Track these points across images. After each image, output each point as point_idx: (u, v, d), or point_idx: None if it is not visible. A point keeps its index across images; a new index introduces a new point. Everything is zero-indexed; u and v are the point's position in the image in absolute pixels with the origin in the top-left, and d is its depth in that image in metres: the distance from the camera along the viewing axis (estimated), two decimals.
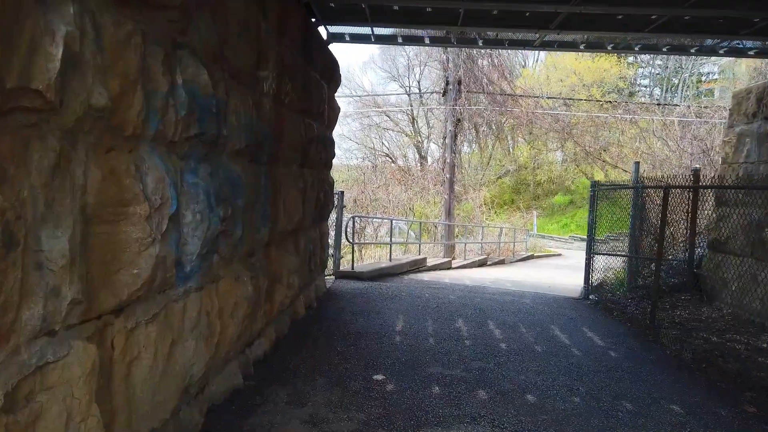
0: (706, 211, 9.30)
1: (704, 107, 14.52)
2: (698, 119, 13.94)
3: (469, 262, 14.58)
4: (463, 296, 8.45)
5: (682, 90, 32.70)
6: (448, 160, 14.59)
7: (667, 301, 8.71)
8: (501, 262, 17.22)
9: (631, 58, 47.75)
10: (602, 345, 5.95)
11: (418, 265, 11.68)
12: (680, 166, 14.68)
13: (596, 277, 9.41)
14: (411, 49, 41.52)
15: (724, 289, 8.18)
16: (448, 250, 14.68)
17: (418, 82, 38.81)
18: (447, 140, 14.56)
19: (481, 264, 15.57)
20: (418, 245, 12.72)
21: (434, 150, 42.55)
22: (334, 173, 25.92)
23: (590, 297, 8.91)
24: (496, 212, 32.53)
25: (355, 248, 10.88)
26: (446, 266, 13.24)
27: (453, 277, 11.50)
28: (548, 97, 15.04)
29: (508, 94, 14.44)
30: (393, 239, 11.20)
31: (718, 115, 14.29)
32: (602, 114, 14.47)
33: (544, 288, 10.34)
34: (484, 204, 25.39)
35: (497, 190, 39.24)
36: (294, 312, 6.15)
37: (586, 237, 30.02)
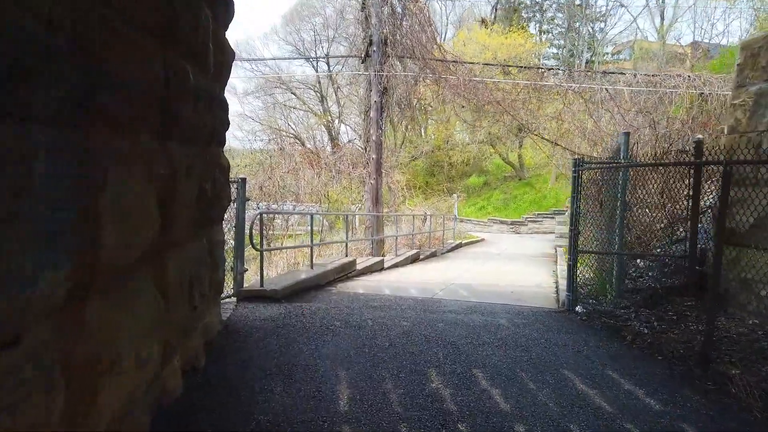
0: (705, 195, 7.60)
1: (652, 75, 13.09)
2: (650, 89, 12.47)
3: (402, 258, 12.33)
4: (418, 320, 6.11)
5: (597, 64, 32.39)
6: (374, 138, 12.17)
7: (670, 309, 6.90)
8: (433, 255, 15.16)
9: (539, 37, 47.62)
10: (658, 408, 3.82)
11: (346, 271, 9.21)
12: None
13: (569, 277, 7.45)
14: (318, 20, 38.44)
15: (745, 294, 6.44)
16: (377, 245, 12.33)
17: (326, 56, 35.87)
18: (372, 113, 12.12)
19: (414, 259, 13.39)
20: (345, 243, 10.22)
21: (347, 131, 39.99)
22: (236, 158, 22.55)
23: (577, 309, 6.90)
24: (411, 197, 30.66)
25: (265, 254, 8.22)
26: (378, 267, 10.89)
27: (391, 283, 9.16)
28: (487, 64, 13.09)
29: (446, 60, 12.21)
30: (313, 237, 8.63)
31: (667, 83, 12.90)
32: (546, 83, 12.63)
33: (508, 295, 8.26)
34: (401, 188, 23.29)
35: (411, 173, 37.45)
36: (162, 392, 3.51)
37: (505, 219, 28.40)
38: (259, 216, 7.02)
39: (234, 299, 6.86)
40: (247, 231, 6.85)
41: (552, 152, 18.59)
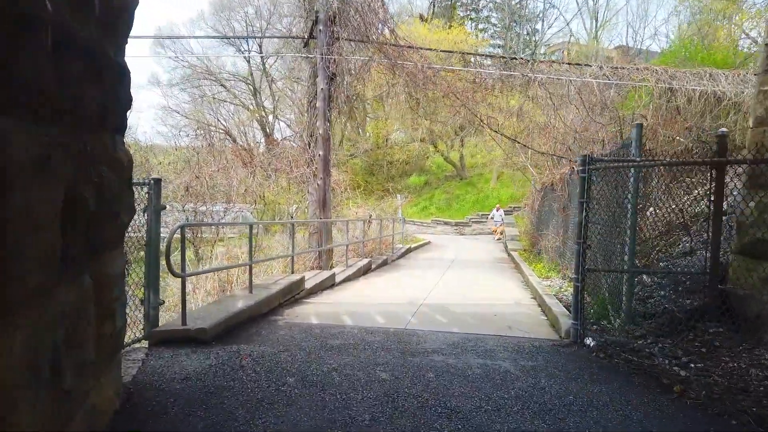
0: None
1: (620, 67, 12.18)
2: (619, 81, 11.52)
3: (354, 270, 10.73)
4: (399, 369, 4.58)
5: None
6: (320, 132, 10.49)
7: (694, 339, 5.72)
8: (385, 263, 13.67)
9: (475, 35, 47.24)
10: None
11: (294, 292, 7.53)
12: (595, 141, 12.26)
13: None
14: (250, 10, 35.99)
15: None
16: (326, 255, 10.66)
17: (260, 46, 33.59)
18: (318, 104, 10.44)
19: (367, 270, 11.83)
20: (289, 257, 8.50)
21: (280, 129, 37.78)
22: (159, 156, 20.06)
23: (587, 342, 5.57)
24: (352, 198, 29.10)
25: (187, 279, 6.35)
26: (330, 283, 9.25)
27: (349, 306, 7.55)
28: (446, 51, 11.74)
29: (402, 46, 10.71)
30: (252, 251, 6.89)
31: (635, 77, 12.02)
32: (513, 72, 11.40)
33: (492, 320, 6.87)
34: (343, 189, 21.65)
35: (350, 172, 35.84)
36: None
37: (449, 220, 27.39)
38: (180, 230, 5.23)
39: (145, 344, 5.06)
40: (163, 249, 5.06)
41: (511, 151, 17.55)
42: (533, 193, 17.43)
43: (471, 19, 51.58)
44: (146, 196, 5.05)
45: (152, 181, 5.07)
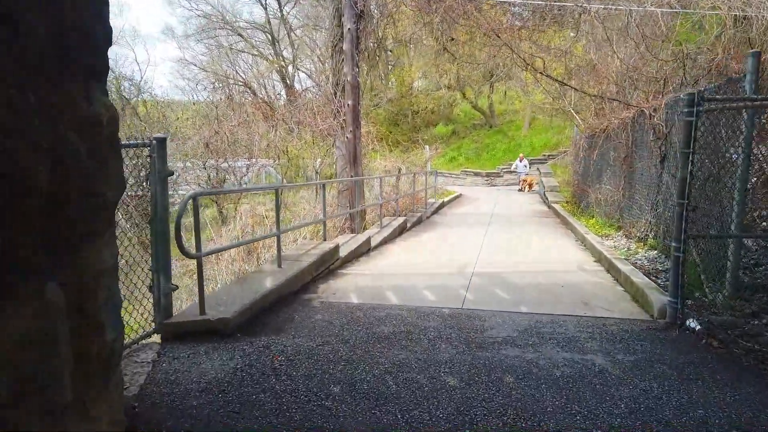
0: None
1: None
2: (685, 10, 10.08)
3: (389, 231, 9.78)
4: (467, 370, 3.66)
5: None
6: (349, 78, 9.37)
7: None
8: (420, 221, 12.70)
9: None
10: None
11: (327, 263, 6.63)
12: (654, 80, 10.88)
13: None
14: None
15: None
16: (358, 217, 9.71)
17: None
18: (345, 46, 9.26)
19: (402, 229, 10.88)
20: (321, 221, 7.56)
21: (300, 81, 36.36)
22: (176, 111, 19.20)
23: (690, 324, 4.56)
24: (379, 150, 27.93)
25: (205, 259, 5.44)
26: (365, 248, 8.33)
27: (391, 278, 6.63)
28: None
29: None
30: (279, 222, 5.96)
31: (703, 4, 10.53)
32: (565, 3, 10.00)
33: (561, 294, 5.87)
34: (370, 141, 20.51)
35: (373, 122, 34.52)
36: None
37: (480, 171, 26.11)
38: (192, 200, 4.29)
39: (158, 338, 4.23)
40: (173, 227, 4.15)
41: (556, 94, 16.09)
42: (577, 140, 16.08)
43: None
44: (150, 165, 4.10)
45: (155, 142, 4.10)
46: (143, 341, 4.13)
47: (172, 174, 4.28)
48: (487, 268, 7.19)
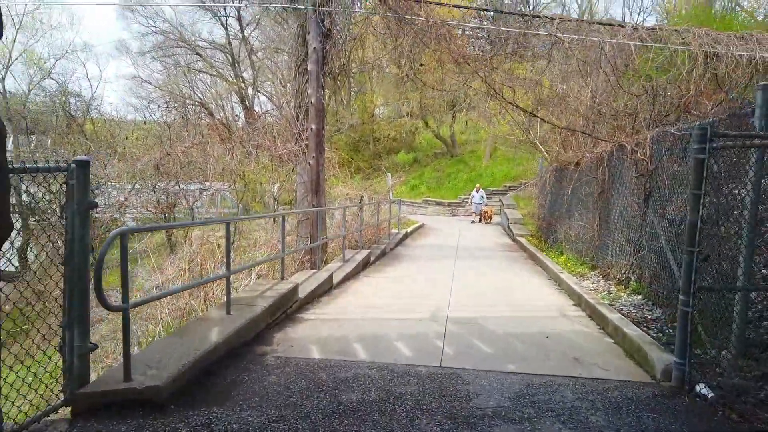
0: None
1: (657, 27, 10.57)
2: (658, 45, 9.93)
3: (352, 266, 9.03)
4: None
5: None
6: (313, 100, 8.69)
7: None
8: (383, 254, 12.01)
9: None
10: None
11: (285, 306, 5.83)
12: (625, 114, 10.72)
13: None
14: None
15: None
16: (320, 251, 8.93)
17: (238, 11, 31.07)
18: (310, 66, 8.62)
19: (366, 263, 10.16)
20: (281, 260, 6.74)
21: (260, 104, 35.52)
22: (123, 129, 18.07)
23: (700, 390, 4.00)
24: (339, 176, 27.25)
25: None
26: (327, 286, 7.54)
27: (359, 326, 5.87)
28: (459, 7, 9.89)
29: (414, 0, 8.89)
30: (230, 259, 5.15)
31: (674, 40, 10.47)
32: (539, 32, 9.67)
33: (549, 347, 5.24)
34: (331, 167, 19.81)
35: (332, 148, 33.88)
36: None
37: (441, 200, 25.72)
38: (119, 236, 3.48)
39: (68, 412, 3.35)
40: (97, 269, 3.32)
41: (525, 125, 15.81)
42: (543, 173, 15.83)
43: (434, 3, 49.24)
44: (65, 189, 3.29)
45: (74, 166, 3.29)
46: (48, 418, 3.26)
47: (96, 205, 3.46)
48: (461, 312, 6.53)
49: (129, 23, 31.71)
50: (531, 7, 42.67)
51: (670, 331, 5.50)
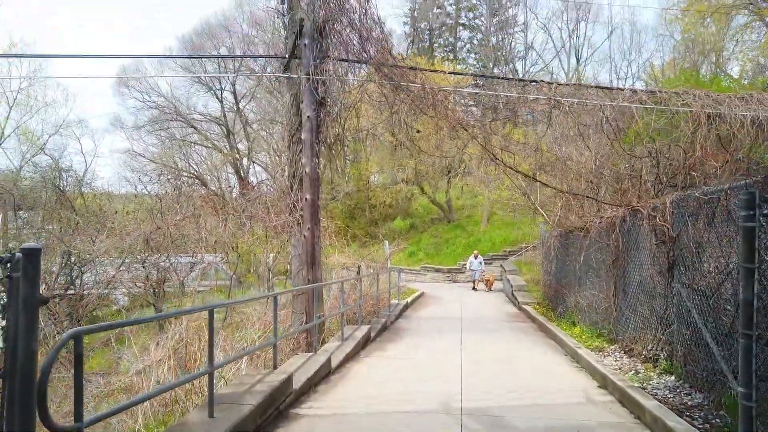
0: None
1: (657, 90, 10.43)
2: (658, 107, 9.74)
3: (352, 345, 8.33)
4: None
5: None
6: (307, 170, 8.31)
7: None
8: (384, 328, 11.30)
9: None
10: None
11: (277, 402, 5.13)
12: (627, 177, 10.42)
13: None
14: (222, 50, 34.03)
15: None
16: (317, 331, 8.23)
17: (233, 85, 31.56)
18: (304, 135, 8.29)
19: (366, 340, 9.45)
20: (273, 346, 6.06)
21: (255, 174, 35.55)
22: (114, 202, 17.58)
23: None
24: (335, 245, 26.72)
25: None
26: (325, 372, 6.84)
27: (360, 426, 5.14)
28: (454, 74, 9.60)
29: (404, 67, 8.73)
30: (213, 355, 4.50)
31: (674, 102, 10.32)
32: (538, 96, 9.47)
33: None
34: (327, 236, 19.31)
35: (327, 216, 33.53)
36: None
37: (440, 267, 25.05)
38: (73, 340, 2.88)
39: None
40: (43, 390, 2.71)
41: (525, 190, 15.50)
42: (546, 238, 15.35)
43: (449, 59, 50.73)
44: (8, 283, 2.73)
45: (20, 255, 2.74)
46: None
47: (47, 301, 2.89)
48: (476, 401, 5.81)
49: (125, 99, 32.00)
50: (521, 74, 43.79)
51: (718, 421, 4.82)
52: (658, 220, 6.58)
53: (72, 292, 15.50)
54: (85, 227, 16.55)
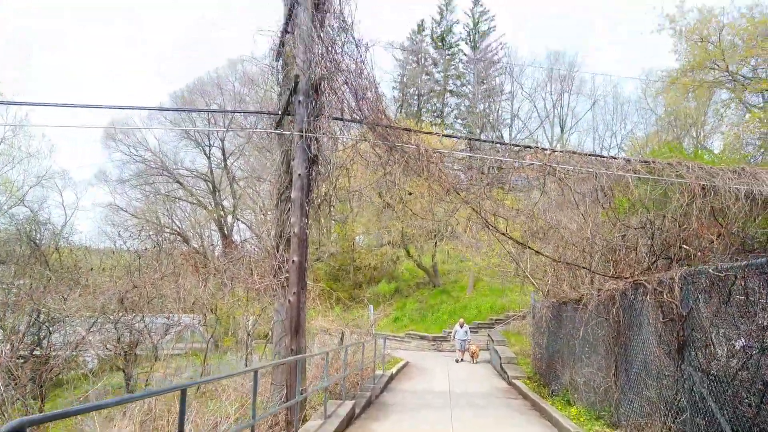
0: None
1: (651, 161, 10.37)
2: (653, 176, 9.66)
3: (336, 425, 7.64)
4: None
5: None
6: (296, 230, 7.90)
7: None
8: (369, 404, 10.58)
9: None
10: None
11: None
12: (622, 248, 10.19)
13: None
14: (213, 107, 34.22)
15: None
16: (299, 408, 7.57)
17: (222, 141, 31.54)
18: (294, 194, 7.94)
19: (350, 418, 8.74)
20: (251, 428, 5.44)
21: (240, 231, 35.04)
22: (85, 258, 16.93)
23: None
24: (317, 308, 25.87)
25: None
26: None
27: None
28: (448, 136, 9.55)
29: (398, 128, 8.55)
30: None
31: (668, 172, 10.23)
32: (534, 162, 9.31)
33: None
34: (311, 299, 18.66)
35: (311, 278, 32.80)
36: None
37: (425, 334, 24.38)
38: None
39: None
40: None
41: (516, 257, 15.19)
42: (538, 308, 14.89)
43: (437, 124, 51.77)
44: None
45: None
46: None
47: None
48: None
49: (111, 151, 31.65)
50: (508, 141, 44.57)
51: None
52: (665, 296, 6.22)
53: (38, 353, 14.58)
54: (57, 284, 15.77)
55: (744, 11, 19.18)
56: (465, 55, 54.90)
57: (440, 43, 55.23)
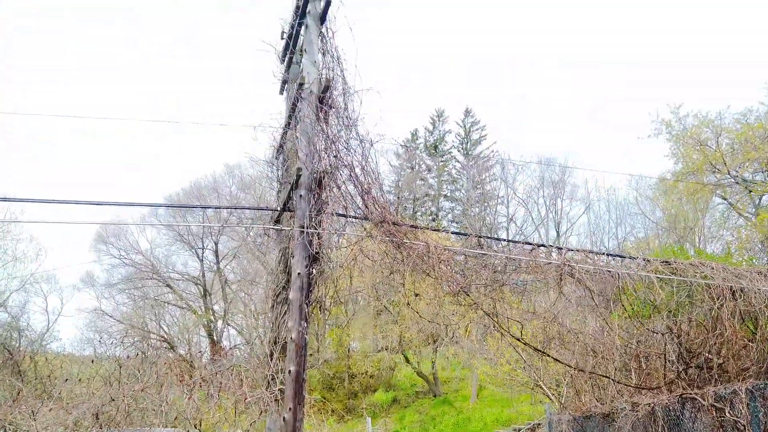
0: None
1: (671, 261, 9.76)
2: (677, 277, 9.02)
3: None
4: None
5: None
6: (294, 335, 7.06)
7: None
8: None
9: None
10: None
11: None
12: (648, 356, 9.33)
13: None
14: (209, 211, 34.10)
15: None
16: None
17: (216, 244, 30.96)
18: (292, 295, 7.20)
19: None
20: None
21: (230, 338, 33.64)
22: (62, 367, 15.56)
23: None
24: (307, 422, 23.99)
25: None
26: None
27: None
28: (458, 233, 8.97)
29: (403, 224, 8.01)
30: None
31: (693, 273, 9.62)
32: (549, 260, 8.69)
33: None
34: (305, 415, 17.18)
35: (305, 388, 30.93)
36: None
37: None
38: None
39: None
40: None
41: (531, 362, 14.10)
42: (556, 422, 13.55)
43: (436, 230, 51.84)
44: None
45: None
46: None
47: None
48: None
49: (101, 255, 31.00)
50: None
51: None
52: (727, 413, 5.33)
53: None
54: (27, 396, 14.44)
55: (737, 116, 19.68)
56: (458, 161, 56.37)
57: (433, 151, 56.86)
